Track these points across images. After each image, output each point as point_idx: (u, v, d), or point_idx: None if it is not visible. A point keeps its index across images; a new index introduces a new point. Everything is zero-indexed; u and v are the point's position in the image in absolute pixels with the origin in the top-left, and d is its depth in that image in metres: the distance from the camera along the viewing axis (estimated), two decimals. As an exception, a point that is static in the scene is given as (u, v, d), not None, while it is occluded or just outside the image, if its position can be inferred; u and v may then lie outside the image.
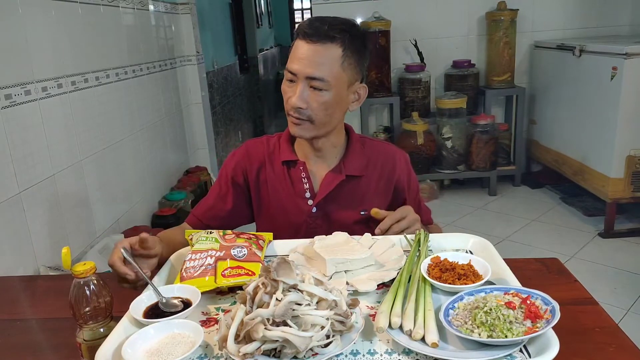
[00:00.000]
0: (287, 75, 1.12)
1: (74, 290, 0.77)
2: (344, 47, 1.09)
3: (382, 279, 0.90)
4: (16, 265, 1.74)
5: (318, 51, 1.07)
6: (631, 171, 2.88)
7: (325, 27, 1.08)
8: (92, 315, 0.78)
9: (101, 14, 2.49)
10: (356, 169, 1.22)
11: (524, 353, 0.70)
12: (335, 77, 1.09)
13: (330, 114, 1.13)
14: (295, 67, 1.09)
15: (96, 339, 0.77)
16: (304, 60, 1.08)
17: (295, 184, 1.23)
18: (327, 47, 1.07)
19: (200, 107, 3.82)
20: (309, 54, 1.08)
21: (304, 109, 1.10)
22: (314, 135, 1.16)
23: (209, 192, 1.30)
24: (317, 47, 1.07)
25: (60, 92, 2.07)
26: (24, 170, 1.80)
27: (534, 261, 1.05)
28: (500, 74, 3.72)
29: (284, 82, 1.14)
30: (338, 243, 1.02)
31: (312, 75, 1.08)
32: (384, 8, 3.76)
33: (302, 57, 1.08)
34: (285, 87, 1.14)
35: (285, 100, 1.13)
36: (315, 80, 1.08)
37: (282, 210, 1.24)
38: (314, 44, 1.07)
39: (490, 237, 1.07)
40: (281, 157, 1.24)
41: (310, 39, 1.07)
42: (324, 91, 1.09)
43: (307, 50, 1.08)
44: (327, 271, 0.93)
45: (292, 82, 1.12)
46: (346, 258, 0.94)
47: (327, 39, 1.07)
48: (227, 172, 1.27)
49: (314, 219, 1.22)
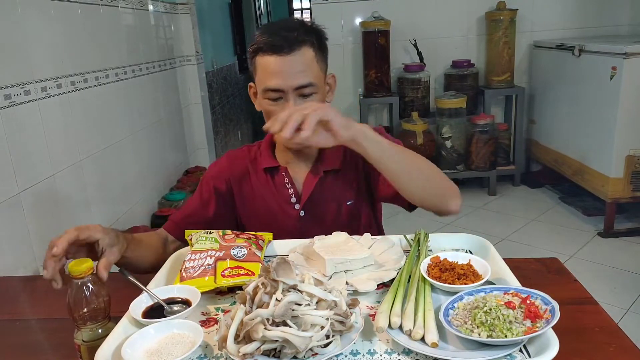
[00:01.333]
0: (268, 95, 1.08)
1: (72, 291, 0.76)
2: (313, 46, 1.09)
3: (381, 278, 0.90)
4: (16, 266, 1.73)
5: (295, 60, 1.05)
6: (630, 171, 2.88)
7: (294, 34, 1.06)
8: (91, 316, 0.77)
9: (100, 14, 2.49)
10: (332, 163, 1.20)
11: (523, 353, 0.70)
12: (317, 77, 1.09)
13: None
14: (280, 83, 1.06)
15: (95, 339, 0.76)
16: (287, 74, 1.05)
17: (280, 190, 1.21)
18: (302, 52, 1.06)
19: (200, 107, 3.82)
20: (289, 66, 1.05)
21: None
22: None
23: (188, 201, 1.28)
24: (293, 56, 1.05)
25: (60, 92, 2.07)
26: (23, 171, 1.80)
27: (534, 261, 1.05)
28: (500, 74, 3.72)
29: (265, 101, 1.09)
30: (338, 243, 1.02)
31: (301, 84, 1.06)
32: (384, 8, 3.76)
33: (281, 71, 1.05)
34: (270, 107, 1.09)
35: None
36: (305, 88, 1.07)
37: (271, 218, 1.22)
38: (288, 54, 1.04)
39: (490, 237, 1.07)
40: (262, 165, 1.22)
41: (282, 51, 1.04)
42: (314, 95, 1.09)
43: (284, 62, 1.05)
44: (327, 271, 0.93)
45: (277, 100, 1.08)
46: (346, 258, 0.94)
47: (299, 45, 1.06)
48: (209, 181, 1.25)
49: (303, 222, 1.21)
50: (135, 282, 0.90)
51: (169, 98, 3.40)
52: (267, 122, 1.05)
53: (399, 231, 1.08)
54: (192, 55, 3.68)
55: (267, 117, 1.11)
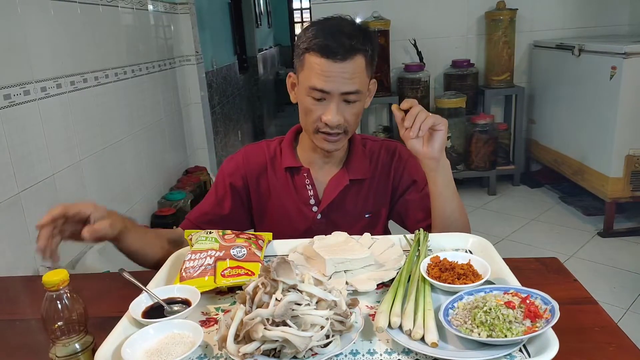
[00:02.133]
0: (313, 94, 1.07)
1: (46, 303, 0.70)
2: (366, 55, 1.08)
3: (381, 278, 0.90)
4: (15, 266, 1.73)
5: (348, 67, 1.04)
6: (630, 170, 2.88)
7: (352, 42, 1.04)
8: (67, 330, 0.72)
9: (100, 14, 2.49)
10: (360, 172, 1.20)
11: (523, 353, 0.70)
12: (364, 84, 1.10)
13: (358, 121, 1.14)
14: (328, 87, 1.05)
15: (70, 354, 0.72)
16: (336, 79, 1.04)
17: (300, 191, 1.21)
18: (355, 60, 1.05)
19: (200, 107, 3.82)
20: (341, 72, 1.04)
21: (341, 124, 1.09)
22: (343, 145, 1.17)
23: (205, 198, 1.27)
24: (347, 63, 1.04)
25: (60, 92, 2.07)
26: (23, 171, 1.80)
27: (534, 261, 1.05)
28: (500, 74, 3.72)
29: (307, 99, 1.09)
30: (338, 243, 1.02)
31: (348, 90, 1.06)
32: (384, 7, 3.76)
33: (332, 75, 1.04)
34: (311, 105, 1.09)
35: (314, 118, 1.09)
36: (350, 95, 1.07)
37: (285, 217, 1.22)
38: (342, 61, 1.04)
39: (490, 237, 1.08)
40: (284, 164, 1.21)
41: (337, 57, 1.03)
42: (357, 102, 1.09)
43: (337, 68, 1.04)
44: (327, 271, 0.93)
45: (320, 100, 1.08)
46: (346, 258, 0.93)
47: (354, 52, 1.05)
48: (225, 177, 1.24)
49: (318, 225, 1.20)
50: (135, 282, 0.90)
51: (168, 98, 3.40)
52: (303, 116, 1.12)
53: (399, 231, 1.08)
54: (192, 55, 3.68)
55: (305, 113, 1.11)
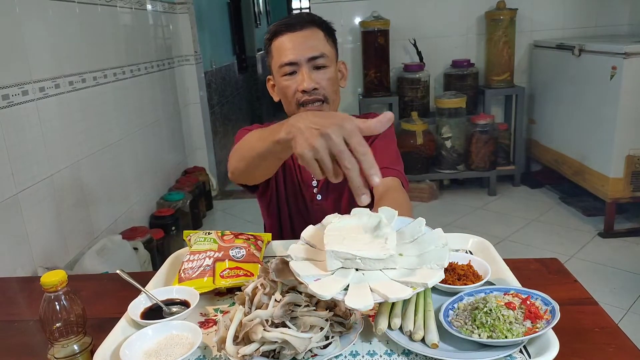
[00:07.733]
0: (284, 70, 1.14)
1: (44, 305, 0.71)
2: (322, 29, 1.17)
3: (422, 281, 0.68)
4: (14, 266, 1.73)
5: (307, 35, 1.14)
6: (630, 171, 2.88)
7: (304, 15, 1.17)
8: (66, 331, 0.72)
9: (99, 14, 2.48)
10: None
11: (523, 354, 0.69)
12: (329, 52, 1.16)
13: (336, 91, 1.18)
14: (292, 57, 1.12)
15: (68, 356, 0.72)
16: (299, 46, 1.12)
17: (304, 172, 1.27)
18: (312, 30, 1.15)
19: (199, 107, 3.82)
20: (301, 40, 1.13)
21: (318, 89, 1.13)
22: None
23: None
24: (305, 32, 1.14)
25: (58, 93, 2.07)
26: (21, 171, 1.80)
27: (534, 261, 1.05)
28: (500, 74, 3.72)
29: (282, 79, 1.15)
30: (352, 229, 0.76)
31: (313, 54, 1.12)
32: (383, 7, 3.76)
33: (295, 45, 1.13)
34: (286, 82, 1.15)
35: (291, 93, 1.14)
36: (318, 59, 1.13)
37: (291, 197, 1.27)
38: (299, 31, 1.13)
39: (490, 237, 1.07)
40: None
41: (294, 28, 1.13)
42: (327, 67, 1.15)
43: (296, 38, 1.13)
44: (327, 264, 0.71)
45: (292, 74, 1.14)
46: (354, 254, 0.70)
47: (309, 24, 1.15)
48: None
49: (319, 206, 1.26)
50: (133, 283, 0.89)
51: (167, 98, 3.40)
52: (284, 99, 1.16)
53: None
54: (191, 55, 3.68)
55: (284, 94, 1.16)
